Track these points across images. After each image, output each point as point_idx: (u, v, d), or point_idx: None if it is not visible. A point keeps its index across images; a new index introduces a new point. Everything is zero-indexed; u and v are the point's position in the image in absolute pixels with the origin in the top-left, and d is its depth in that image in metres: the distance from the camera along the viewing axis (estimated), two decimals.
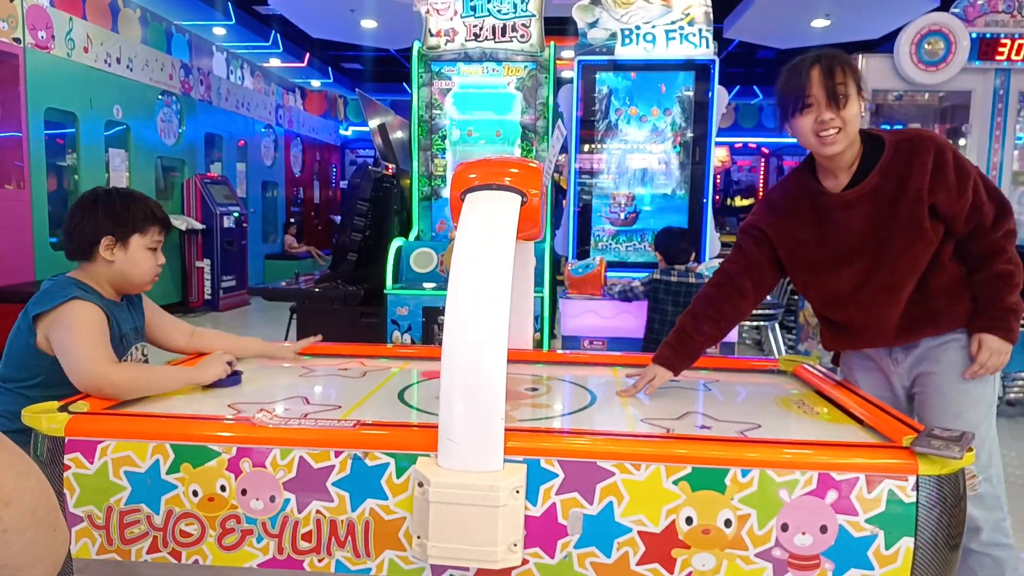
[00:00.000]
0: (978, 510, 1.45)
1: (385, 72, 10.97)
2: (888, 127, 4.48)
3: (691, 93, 3.68)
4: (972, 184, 1.46)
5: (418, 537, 1.13)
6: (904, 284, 1.52)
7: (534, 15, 3.79)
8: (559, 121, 3.66)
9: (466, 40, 3.84)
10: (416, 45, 3.90)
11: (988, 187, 1.49)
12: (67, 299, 1.41)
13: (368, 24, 7.13)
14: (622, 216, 3.79)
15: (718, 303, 1.66)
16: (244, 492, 1.18)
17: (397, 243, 3.77)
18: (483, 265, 1.14)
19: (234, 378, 1.57)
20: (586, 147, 3.75)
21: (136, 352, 1.61)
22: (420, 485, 1.11)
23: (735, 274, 1.66)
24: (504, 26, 3.80)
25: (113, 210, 1.50)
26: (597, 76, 3.70)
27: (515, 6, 3.78)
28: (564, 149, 3.72)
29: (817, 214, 1.56)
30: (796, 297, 5.02)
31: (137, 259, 1.53)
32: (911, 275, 1.51)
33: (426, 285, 3.63)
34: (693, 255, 3.25)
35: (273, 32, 8.66)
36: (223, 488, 1.18)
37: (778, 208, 1.63)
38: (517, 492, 1.11)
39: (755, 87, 11.73)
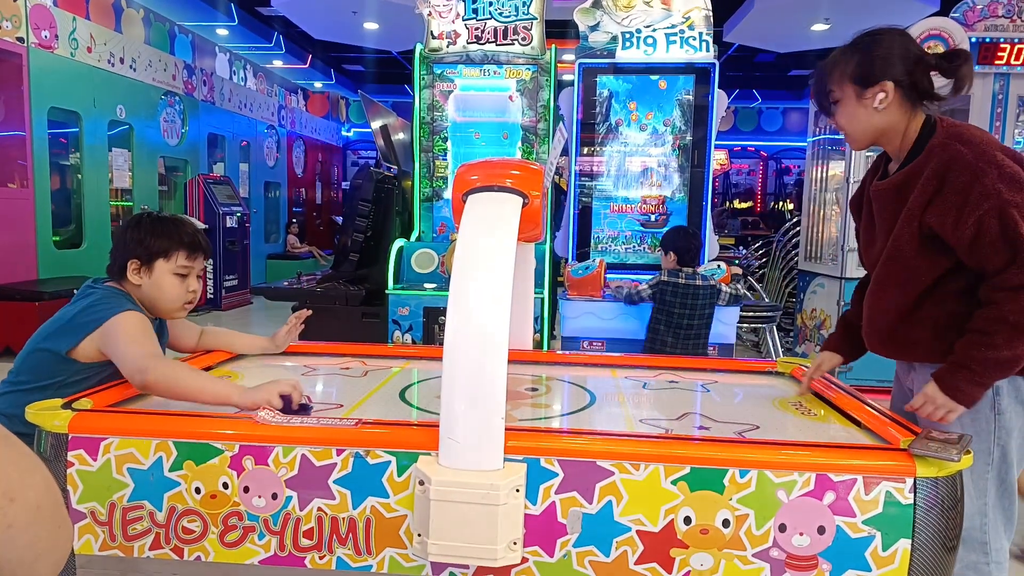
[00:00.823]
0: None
1: (387, 74, 10.98)
2: None
3: (691, 96, 3.69)
4: (980, 216, 1.24)
5: (419, 535, 1.14)
6: (886, 289, 1.43)
7: (535, 18, 3.80)
8: (560, 124, 3.67)
9: (468, 43, 3.85)
10: (418, 47, 3.92)
11: (1008, 226, 1.23)
12: (123, 309, 1.45)
13: (370, 26, 7.14)
14: (653, 218, 3.81)
15: (862, 289, 1.62)
16: (246, 489, 1.19)
17: (398, 244, 3.78)
18: (484, 266, 1.15)
19: (304, 409, 1.36)
20: (586, 150, 3.76)
21: None
22: (421, 483, 1.12)
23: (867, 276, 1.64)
24: (506, 29, 3.82)
25: (138, 234, 1.52)
26: (598, 79, 3.71)
27: (516, 9, 3.79)
28: (564, 151, 3.74)
29: (868, 194, 1.52)
30: (794, 300, 5.04)
31: (161, 284, 1.52)
32: (891, 286, 1.41)
33: (427, 286, 3.64)
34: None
35: (276, 33, 8.68)
36: (225, 485, 1.19)
37: (860, 186, 1.60)
38: (517, 491, 1.12)
39: (754, 91, 11.75)
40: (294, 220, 10.19)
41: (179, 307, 1.57)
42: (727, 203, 12.62)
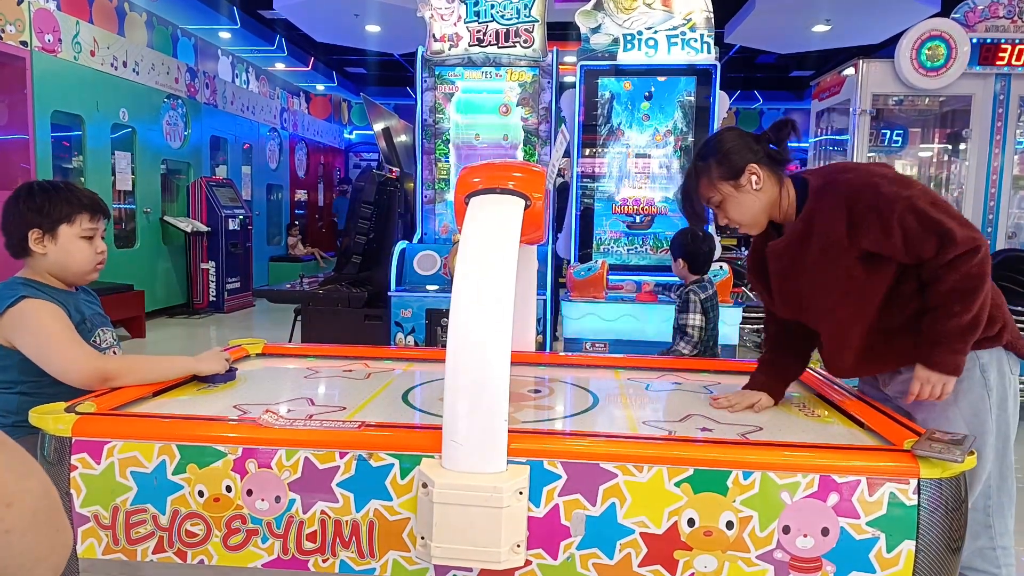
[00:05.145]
0: None
1: (389, 76, 11.00)
2: (888, 132, 4.49)
3: (692, 98, 3.69)
4: (898, 219, 1.35)
5: (422, 538, 1.13)
6: (851, 330, 1.46)
7: (537, 20, 3.81)
8: (562, 126, 3.66)
9: (469, 45, 3.86)
10: (420, 50, 3.92)
11: (923, 217, 1.34)
12: (16, 300, 1.40)
13: (372, 29, 7.16)
14: (638, 219, 3.80)
15: (785, 351, 1.64)
16: (249, 492, 1.19)
17: (401, 246, 3.78)
18: (487, 268, 1.15)
19: (230, 374, 1.62)
20: (588, 151, 3.77)
21: (105, 335, 1.58)
22: (424, 486, 1.12)
23: (772, 327, 1.68)
24: (507, 31, 3.82)
25: (34, 203, 1.46)
26: (599, 81, 3.71)
27: (518, 11, 3.80)
28: (566, 153, 3.74)
29: (765, 263, 1.56)
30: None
31: (70, 249, 1.49)
32: (856, 320, 1.45)
33: (429, 288, 3.64)
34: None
35: (278, 36, 8.70)
36: (229, 488, 1.19)
37: (750, 257, 1.67)
38: (520, 493, 1.12)
39: (755, 92, 11.74)
40: (296, 222, 10.21)
41: (91, 269, 1.53)
42: None
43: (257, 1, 7.32)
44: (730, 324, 3.29)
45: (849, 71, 4.20)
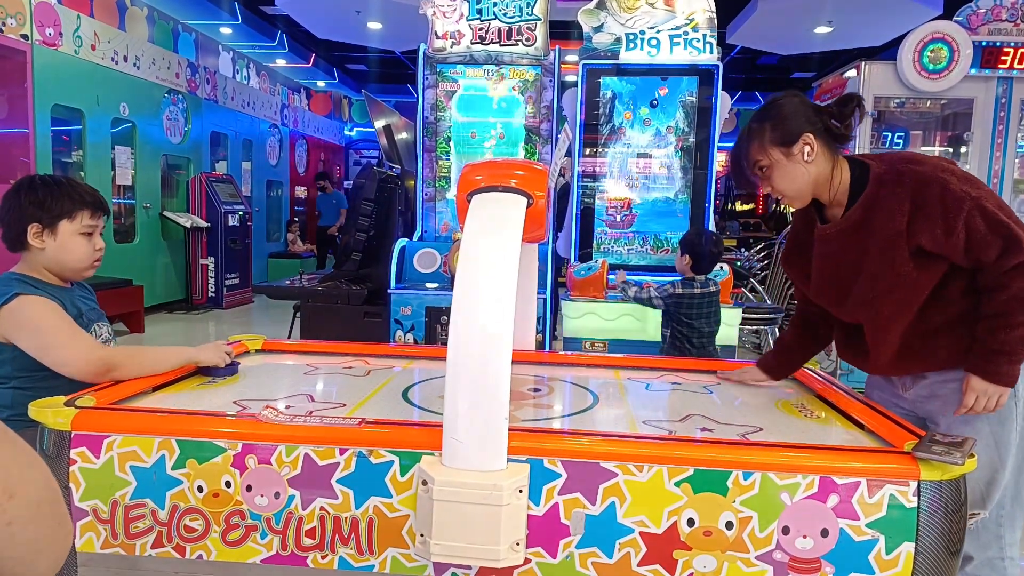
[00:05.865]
0: (971, 543, 1.40)
1: (390, 74, 10.99)
2: (889, 134, 4.49)
3: (694, 98, 3.69)
4: (964, 219, 1.31)
5: (421, 535, 1.13)
6: (892, 325, 1.44)
7: (539, 19, 3.80)
8: (565, 125, 3.66)
9: (471, 43, 3.85)
10: (421, 47, 3.92)
11: (991, 219, 1.31)
12: (10, 297, 1.39)
13: (374, 26, 7.15)
14: (618, 218, 3.80)
15: (803, 335, 1.70)
16: (249, 488, 1.19)
17: (401, 243, 3.78)
18: (489, 266, 1.15)
19: (231, 368, 1.63)
20: (589, 150, 3.76)
21: (100, 330, 1.58)
22: (424, 483, 1.11)
23: (804, 309, 1.72)
24: (510, 29, 3.82)
25: (36, 197, 1.45)
26: (601, 80, 3.71)
27: (520, 10, 3.79)
28: (568, 152, 3.74)
29: (811, 247, 1.54)
30: (795, 302, 5.02)
31: (68, 245, 1.48)
32: (899, 317, 1.42)
33: (429, 285, 3.64)
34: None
35: (279, 32, 8.69)
36: (228, 484, 1.19)
37: (790, 238, 1.65)
38: (520, 492, 1.11)
39: (757, 93, 11.75)
40: (296, 219, 10.20)
41: (88, 266, 1.52)
42: (727, 205, 12.59)
43: None
44: (730, 324, 3.29)
45: (851, 73, 4.20)
